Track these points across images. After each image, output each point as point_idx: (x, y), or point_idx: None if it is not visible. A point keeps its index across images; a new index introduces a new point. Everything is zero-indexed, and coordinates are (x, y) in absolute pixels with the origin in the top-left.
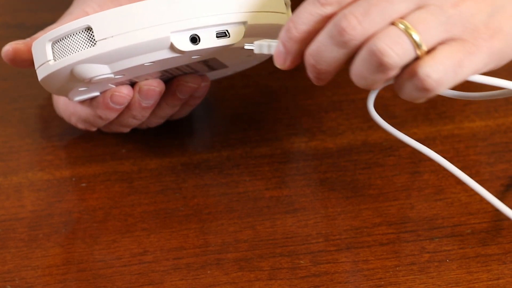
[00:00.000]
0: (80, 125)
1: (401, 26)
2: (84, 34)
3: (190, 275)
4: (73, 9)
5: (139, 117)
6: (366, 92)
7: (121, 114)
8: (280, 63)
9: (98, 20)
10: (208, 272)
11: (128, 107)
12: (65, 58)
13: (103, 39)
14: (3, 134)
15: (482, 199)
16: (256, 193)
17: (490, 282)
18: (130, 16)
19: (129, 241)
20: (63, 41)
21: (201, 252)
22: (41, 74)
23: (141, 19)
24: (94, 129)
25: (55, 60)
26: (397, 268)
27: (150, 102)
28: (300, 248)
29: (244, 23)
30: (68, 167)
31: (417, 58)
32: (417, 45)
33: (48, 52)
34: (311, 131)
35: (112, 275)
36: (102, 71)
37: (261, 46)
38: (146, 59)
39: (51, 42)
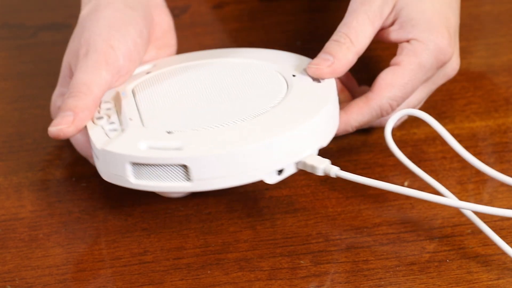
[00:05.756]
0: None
1: None
2: (179, 169)
3: (190, 275)
4: (95, 42)
5: None
6: None
7: None
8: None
9: (197, 162)
10: (208, 272)
11: None
12: (155, 183)
13: (201, 179)
14: (3, 134)
15: None
16: (256, 193)
17: (490, 282)
18: (228, 162)
19: (129, 241)
20: (150, 167)
21: (201, 252)
22: (112, 179)
23: (239, 164)
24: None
25: (137, 179)
26: (397, 268)
27: None
28: (300, 248)
29: (320, 148)
30: (68, 167)
31: None
32: None
33: (128, 171)
34: None
35: (112, 275)
36: (186, 191)
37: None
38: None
39: (132, 163)
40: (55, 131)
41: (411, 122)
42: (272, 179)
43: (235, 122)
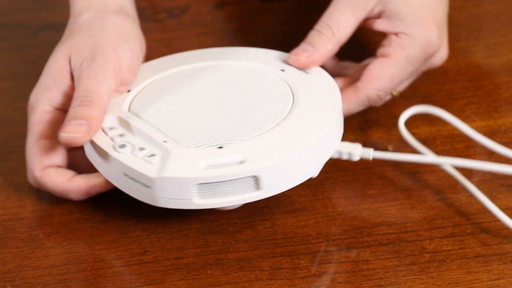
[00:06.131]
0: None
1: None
2: (249, 181)
3: (190, 275)
4: (104, 48)
5: None
6: None
7: None
8: None
9: (266, 171)
10: (208, 272)
11: None
12: (221, 199)
13: (269, 186)
14: (3, 134)
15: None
16: None
17: (490, 282)
18: (292, 165)
19: (129, 241)
20: (217, 184)
21: (201, 252)
22: (170, 204)
23: (300, 165)
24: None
25: (202, 198)
26: (397, 268)
27: None
28: (300, 248)
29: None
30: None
31: None
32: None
33: (193, 192)
34: None
35: (112, 275)
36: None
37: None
38: None
39: (198, 184)
40: (68, 138)
41: (411, 122)
42: (317, 172)
43: (273, 127)
